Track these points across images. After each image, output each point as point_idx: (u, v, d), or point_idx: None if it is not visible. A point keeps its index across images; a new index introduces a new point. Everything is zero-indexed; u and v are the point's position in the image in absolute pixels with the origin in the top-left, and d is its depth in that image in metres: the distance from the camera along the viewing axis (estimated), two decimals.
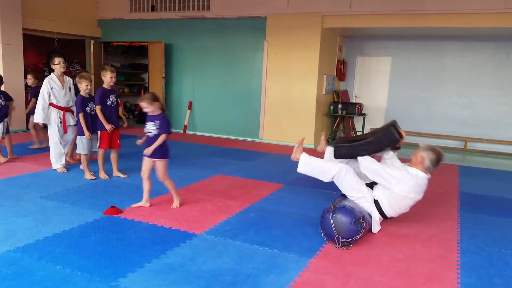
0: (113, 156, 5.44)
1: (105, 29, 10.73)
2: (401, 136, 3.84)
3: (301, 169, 3.97)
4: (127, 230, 3.63)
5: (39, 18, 9.18)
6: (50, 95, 5.51)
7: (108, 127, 5.16)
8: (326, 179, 3.84)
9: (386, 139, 3.84)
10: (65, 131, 5.63)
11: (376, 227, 3.80)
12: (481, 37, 8.79)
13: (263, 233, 3.69)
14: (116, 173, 5.44)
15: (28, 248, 3.18)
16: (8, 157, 6.15)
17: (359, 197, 3.75)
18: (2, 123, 5.97)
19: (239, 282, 2.80)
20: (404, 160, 4.07)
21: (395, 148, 3.97)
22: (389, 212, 3.75)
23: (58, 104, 5.55)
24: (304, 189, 5.24)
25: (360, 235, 3.45)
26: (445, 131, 9.38)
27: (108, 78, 5.18)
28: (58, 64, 5.58)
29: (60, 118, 5.57)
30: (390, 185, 3.65)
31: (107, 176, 5.33)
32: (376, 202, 3.75)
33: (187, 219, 3.96)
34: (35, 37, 9.37)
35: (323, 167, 3.86)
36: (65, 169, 5.60)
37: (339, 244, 3.43)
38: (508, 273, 3.13)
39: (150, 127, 4.17)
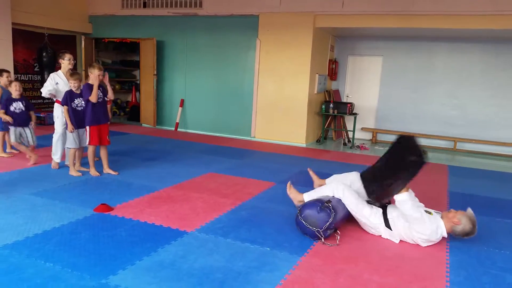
0: (103, 153, 5.40)
1: (96, 25, 10.64)
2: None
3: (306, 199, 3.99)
4: (117, 227, 3.61)
5: (29, 12, 9.08)
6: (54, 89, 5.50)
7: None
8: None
9: (417, 169, 3.53)
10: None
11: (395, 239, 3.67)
12: (471, 38, 8.89)
13: (254, 231, 3.70)
14: (106, 170, 5.41)
15: (17, 245, 3.15)
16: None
17: (364, 210, 3.69)
18: None
19: (230, 279, 2.81)
20: None
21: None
22: (396, 238, 3.65)
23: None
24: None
25: (332, 218, 3.44)
26: (434, 131, 9.48)
27: (95, 75, 5.16)
28: (68, 60, 5.58)
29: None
30: (416, 226, 3.49)
31: (98, 173, 5.29)
32: (386, 222, 3.63)
33: (178, 216, 3.96)
34: (25, 32, 9.27)
35: (323, 192, 3.87)
36: (57, 166, 5.58)
37: (322, 236, 3.46)
38: (496, 272, 3.18)
39: None
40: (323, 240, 3.48)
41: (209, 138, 8.97)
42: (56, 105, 5.55)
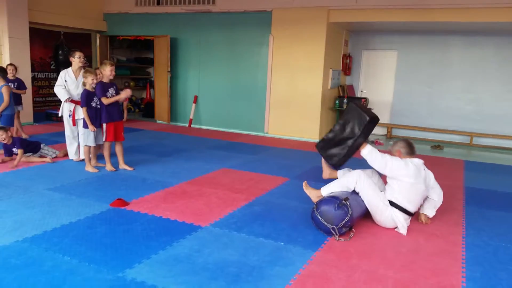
0: (118, 149, 5.47)
1: (110, 23, 10.74)
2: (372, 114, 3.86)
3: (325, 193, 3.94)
4: (133, 222, 3.66)
5: (45, 12, 9.21)
6: (64, 87, 5.63)
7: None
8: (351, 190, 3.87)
9: (369, 131, 3.83)
10: (74, 124, 5.68)
11: (402, 230, 3.70)
12: (487, 31, 8.73)
13: (268, 226, 3.72)
14: (122, 165, 5.48)
15: (36, 239, 3.22)
16: None
17: (380, 202, 3.74)
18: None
19: (244, 273, 2.83)
20: None
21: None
22: (408, 206, 3.69)
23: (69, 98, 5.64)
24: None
25: (349, 217, 3.44)
26: (450, 126, 9.35)
27: (107, 72, 5.21)
28: (78, 58, 5.71)
29: (70, 111, 5.65)
30: (396, 171, 3.66)
31: (114, 169, 5.36)
32: (392, 203, 3.71)
33: (193, 211, 3.99)
34: (42, 31, 9.41)
35: (342, 184, 3.86)
36: (81, 159, 5.76)
37: (337, 234, 3.46)
38: None
39: None
40: (337, 237, 3.47)
41: (222, 134, 9.00)
42: (64, 105, 5.68)
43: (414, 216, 3.91)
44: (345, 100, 9.06)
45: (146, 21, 10.22)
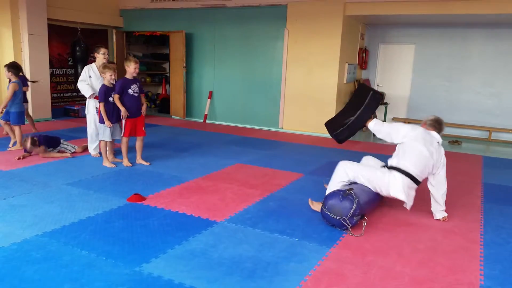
0: (138, 144, 5.52)
1: (127, 19, 10.82)
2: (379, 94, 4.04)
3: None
4: (150, 217, 3.70)
5: (63, 8, 9.32)
6: (88, 83, 5.70)
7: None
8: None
9: (373, 104, 3.96)
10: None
11: (399, 193, 3.71)
12: (508, 24, 8.51)
13: (283, 221, 3.72)
14: (139, 160, 5.53)
15: (55, 233, 3.29)
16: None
17: (376, 172, 3.84)
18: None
19: (260, 269, 2.83)
20: None
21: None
22: (412, 170, 3.67)
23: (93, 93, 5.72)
24: (323, 179, 5.22)
25: (356, 204, 3.45)
26: (469, 121, 9.18)
27: (131, 69, 5.23)
28: (102, 54, 5.74)
29: (96, 108, 5.71)
30: (402, 133, 3.78)
31: (130, 164, 5.42)
32: (393, 168, 3.74)
33: (208, 207, 4.01)
34: (60, 27, 9.53)
35: (335, 182, 3.93)
36: (98, 155, 5.85)
37: (349, 224, 3.45)
38: None
39: None
40: (349, 229, 3.46)
41: (237, 130, 9.01)
42: (90, 102, 5.75)
43: (429, 211, 3.87)
44: None
45: (162, 17, 10.26)
